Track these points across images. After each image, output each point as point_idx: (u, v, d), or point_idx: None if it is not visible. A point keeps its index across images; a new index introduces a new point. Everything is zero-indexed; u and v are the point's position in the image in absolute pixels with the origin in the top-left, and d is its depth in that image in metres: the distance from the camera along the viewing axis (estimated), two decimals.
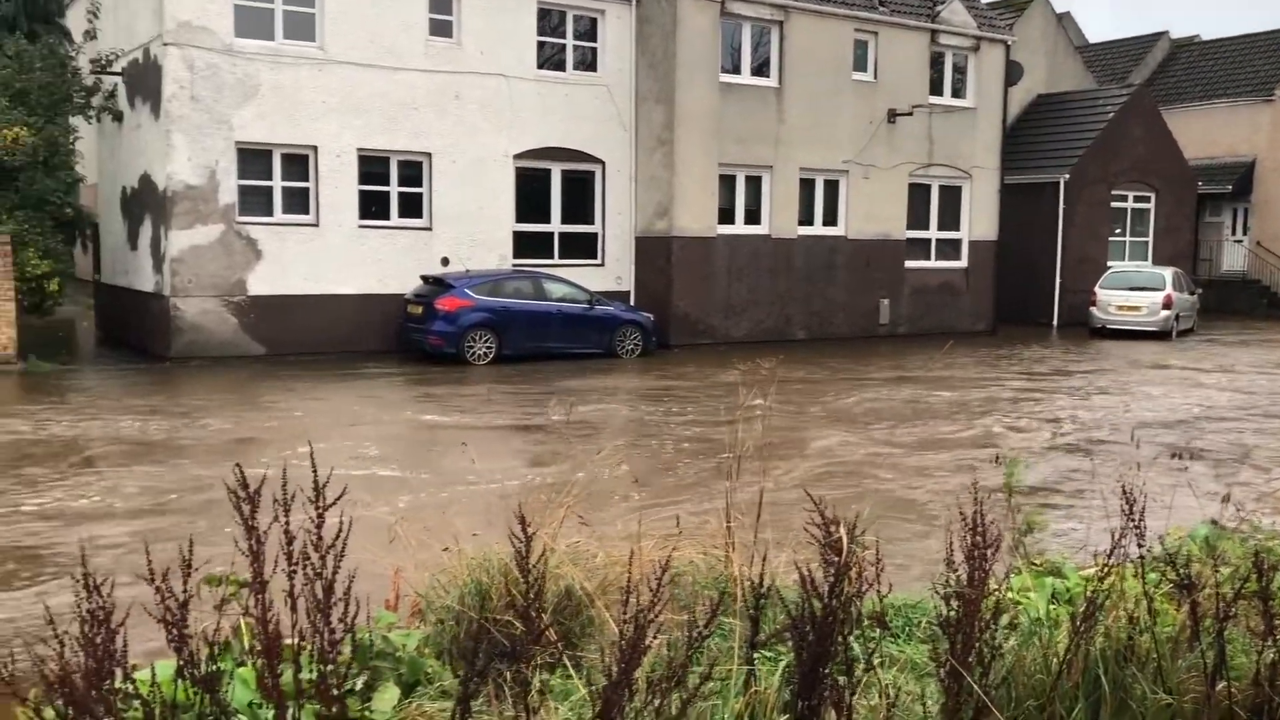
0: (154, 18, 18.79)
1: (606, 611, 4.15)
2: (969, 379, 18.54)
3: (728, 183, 23.23)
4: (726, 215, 23.24)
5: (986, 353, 22.42)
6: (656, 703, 2.85)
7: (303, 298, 19.57)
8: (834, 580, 3.17)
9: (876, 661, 3.66)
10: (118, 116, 20.97)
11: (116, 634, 2.86)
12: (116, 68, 20.63)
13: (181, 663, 2.89)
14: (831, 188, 24.67)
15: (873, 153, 24.79)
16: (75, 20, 24.89)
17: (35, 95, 19.16)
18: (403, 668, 4.24)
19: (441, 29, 20.73)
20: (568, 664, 3.80)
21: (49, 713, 2.71)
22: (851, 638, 3.30)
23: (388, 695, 4.00)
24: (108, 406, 14.32)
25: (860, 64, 24.65)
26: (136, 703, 2.67)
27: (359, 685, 3.76)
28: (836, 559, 3.23)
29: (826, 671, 3.16)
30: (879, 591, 3.64)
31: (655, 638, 3.76)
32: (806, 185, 24.24)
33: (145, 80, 19.53)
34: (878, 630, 3.85)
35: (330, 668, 2.95)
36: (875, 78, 24.83)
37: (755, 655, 3.43)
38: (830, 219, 24.74)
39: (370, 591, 3.57)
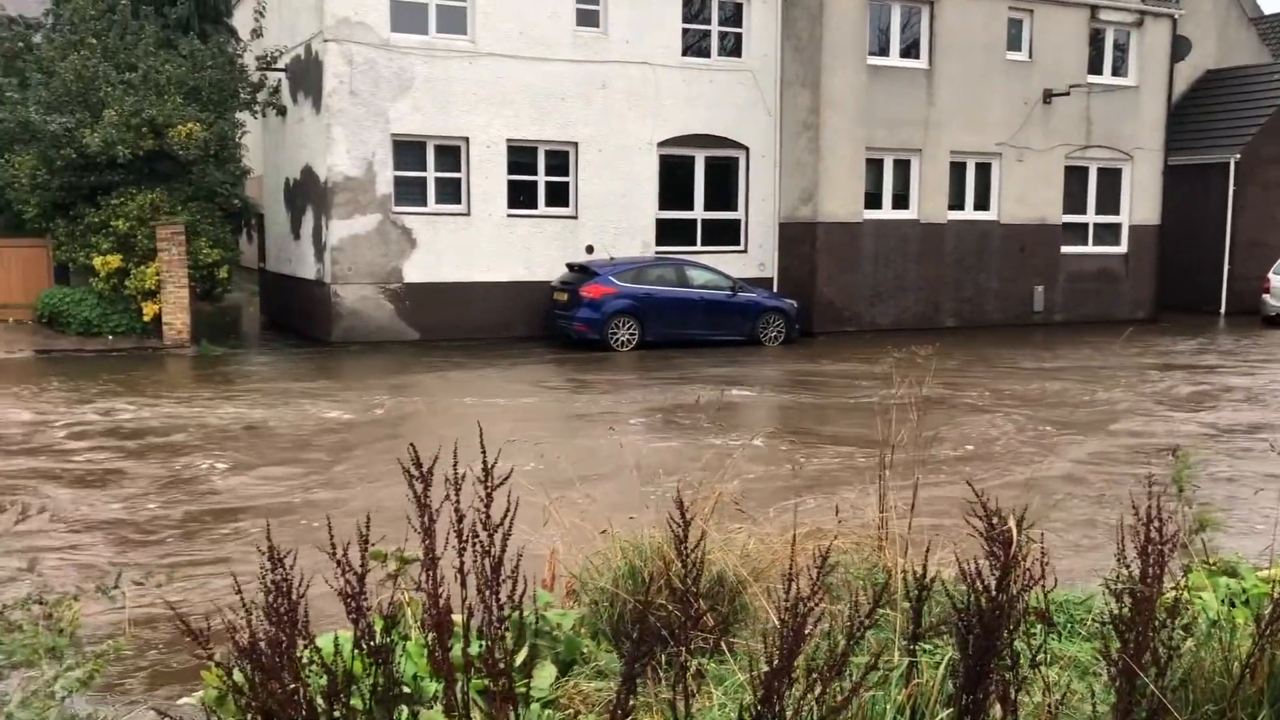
0: (315, 15, 19.55)
1: (763, 598, 4.15)
2: (1131, 367, 17.77)
3: (874, 167, 22.80)
4: (873, 200, 22.82)
5: (1149, 341, 21.43)
6: (818, 691, 2.83)
7: (454, 285, 20.12)
8: (1001, 574, 3.10)
9: (1040, 658, 3.56)
10: (281, 111, 21.92)
11: (299, 604, 3.01)
12: (280, 64, 21.55)
13: (358, 634, 3.02)
14: (983, 171, 23.95)
15: (1027, 134, 23.95)
16: (242, 19, 26.09)
17: (206, 92, 20.17)
18: (560, 647, 4.34)
19: (588, 19, 20.95)
20: (725, 649, 3.82)
21: (238, 675, 2.87)
22: (1016, 634, 3.22)
23: (546, 673, 4.10)
24: (276, 387, 15.04)
25: (1015, 43, 23.82)
26: (319, 669, 2.79)
27: (519, 662, 3.86)
28: (1003, 552, 3.15)
29: (991, 666, 3.09)
30: (1043, 587, 3.54)
31: (814, 627, 3.73)
32: (957, 169, 23.59)
33: (307, 76, 20.36)
34: (1041, 626, 3.75)
35: (497, 643, 3.03)
36: (1030, 57, 23.97)
37: (916, 648, 3.38)
38: (982, 203, 24.03)
39: (527, 571, 3.65)
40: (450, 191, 20.34)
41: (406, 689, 3.63)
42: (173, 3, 24.37)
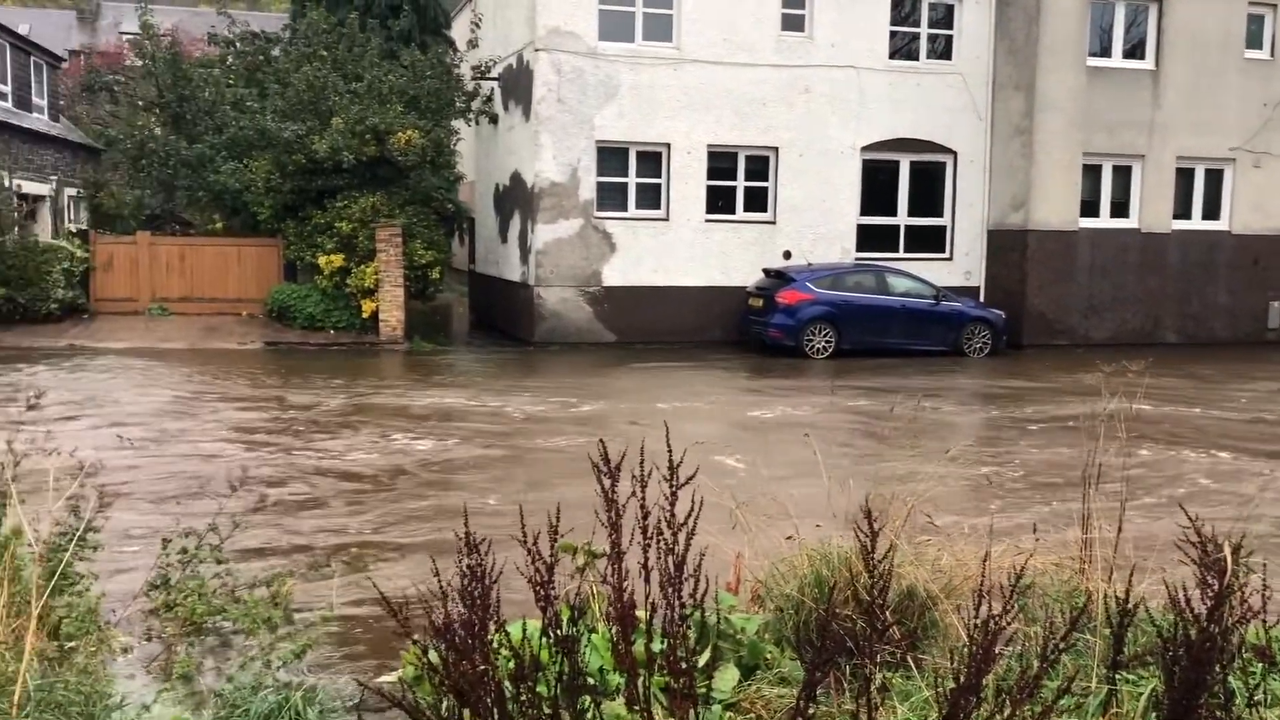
0: (527, 25, 20.23)
1: (953, 615, 4.03)
2: None
3: (1091, 173, 21.69)
4: (1089, 208, 21.71)
5: None
6: (1006, 712, 2.73)
7: (651, 289, 20.39)
8: (1214, 604, 2.90)
9: (1258, 698, 3.31)
10: (494, 119, 22.78)
11: (491, 590, 3.12)
12: (494, 73, 22.41)
13: (546, 622, 3.11)
14: (1214, 178, 22.42)
15: (1266, 138, 22.26)
16: (459, 31, 27.27)
17: (425, 101, 21.19)
18: (743, 650, 4.33)
19: (793, 23, 20.84)
20: (911, 664, 3.73)
21: (433, 655, 3.01)
22: (1230, 669, 3.01)
23: (728, 675, 4.10)
24: (480, 383, 15.63)
25: (1254, 40, 22.20)
26: (509, 654, 2.89)
27: (701, 662, 3.88)
28: (1217, 580, 2.95)
29: (1200, 702, 2.90)
30: (1264, 621, 3.30)
31: (1005, 647, 3.59)
32: (1184, 175, 22.17)
33: (518, 84, 21.09)
34: (1261, 664, 3.48)
35: (680, 642, 3.06)
36: (1272, 55, 22.28)
37: (1116, 676, 3.20)
38: (1211, 212, 22.49)
39: (712, 573, 3.67)
40: (650, 197, 20.63)
41: (591, 680, 3.72)
42: (396, 16, 25.69)
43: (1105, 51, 21.54)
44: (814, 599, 4.33)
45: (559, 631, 3.12)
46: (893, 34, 21.43)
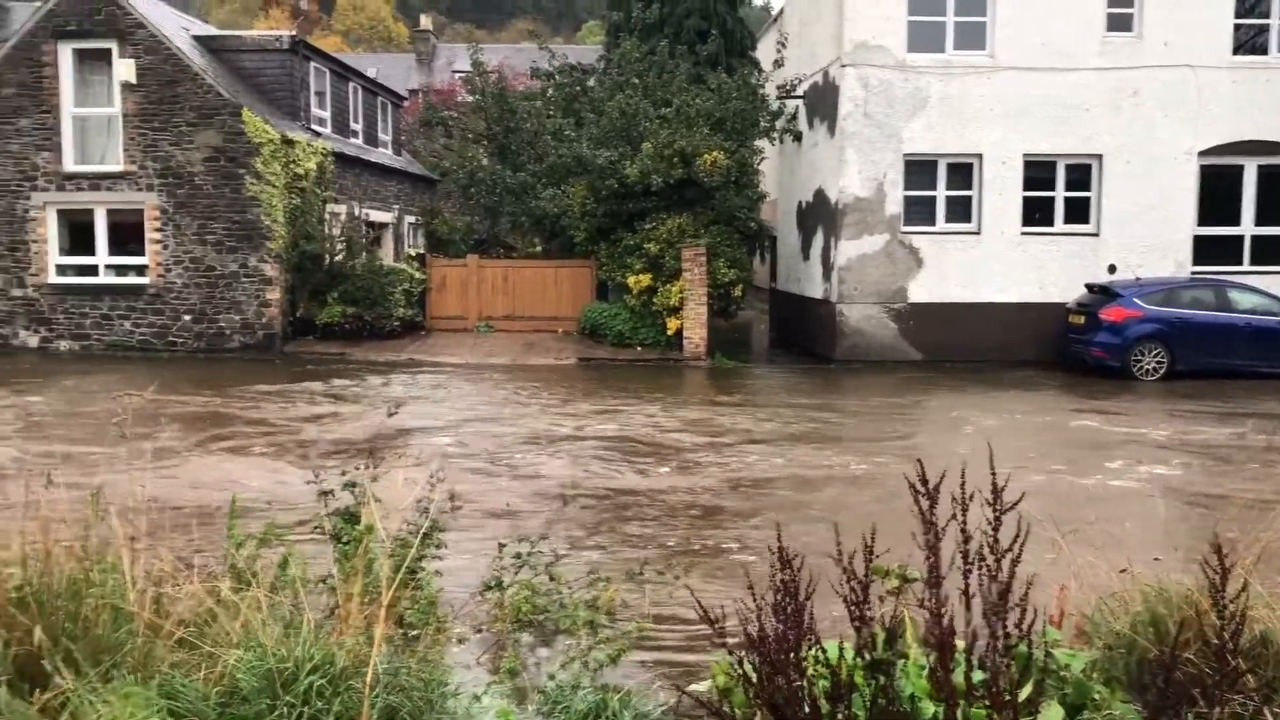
0: (833, 42, 20.15)
1: None
2: None
3: None
4: None
5: None
6: None
7: (960, 305, 19.68)
8: None
9: None
10: (797, 137, 22.84)
11: (805, 606, 3.12)
12: (798, 92, 22.48)
13: (860, 643, 3.06)
14: None
15: None
16: (764, 52, 27.60)
17: (730, 122, 21.58)
18: (1068, 688, 4.07)
19: (1120, 23, 19.53)
20: (1269, 717, 3.37)
21: (747, 666, 3.04)
22: None
23: (1053, 714, 3.87)
24: (784, 400, 15.67)
25: None
26: (825, 672, 2.87)
27: (1023, 696, 3.69)
28: None
29: None
30: None
31: None
32: None
33: (823, 101, 21.03)
34: None
35: (1003, 672, 2.93)
36: None
37: None
38: None
39: (1034, 604, 3.48)
40: (960, 210, 19.94)
41: (904, 708, 3.62)
42: (704, 41, 26.35)
43: None
44: (1150, 639, 4.01)
45: (873, 654, 3.07)
46: (1237, 28, 19.61)
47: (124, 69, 20.38)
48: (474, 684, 4.60)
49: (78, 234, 21.30)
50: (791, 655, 2.90)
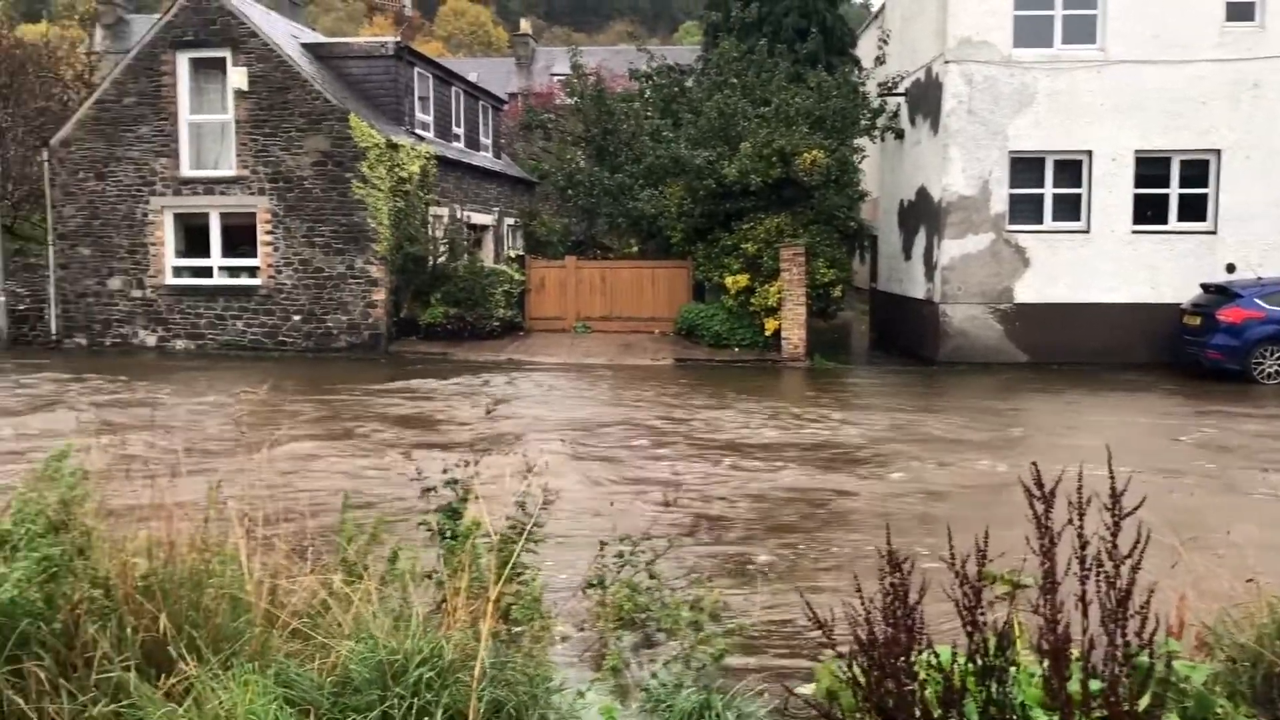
0: (936, 38, 19.80)
1: None
2: None
3: None
4: None
5: None
6: None
7: (1067, 306, 19.16)
8: None
9: None
10: (899, 135, 22.51)
11: (914, 610, 3.07)
12: (900, 89, 22.16)
13: (972, 648, 3.01)
14: None
15: None
16: (864, 49, 27.26)
17: (830, 121, 21.36)
18: (1188, 701, 3.94)
19: (1240, 13, 18.80)
20: None
21: (856, 669, 3.01)
22: None
23: None
24: (887, 402, 15.46)
25: None
26: (938, 676, 2.83)
27: (1141, 707, 3.58)
28: None
29: None
30: None
31: None
32: None
33: (925, 98, 20.68)
34: None
35: (1121, 682, 2.85)
36: None
37: None
38: None
39: (1152, 612, 3.37)
40: (1068, 208, 19.41)
41: (1016, 715, 3.55)
42: (803, 40, 26.13)
43: None
44: (1276, 652, 3.85)
45: (986, 659, 3.01)
46: None
47: (237, 77, 21.07)
48: (576, 681, 4.64)
49: (193, 237, 22.10)
50: (902, 659, 2.86)
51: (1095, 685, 2.93)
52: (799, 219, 20.77)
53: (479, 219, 27.10)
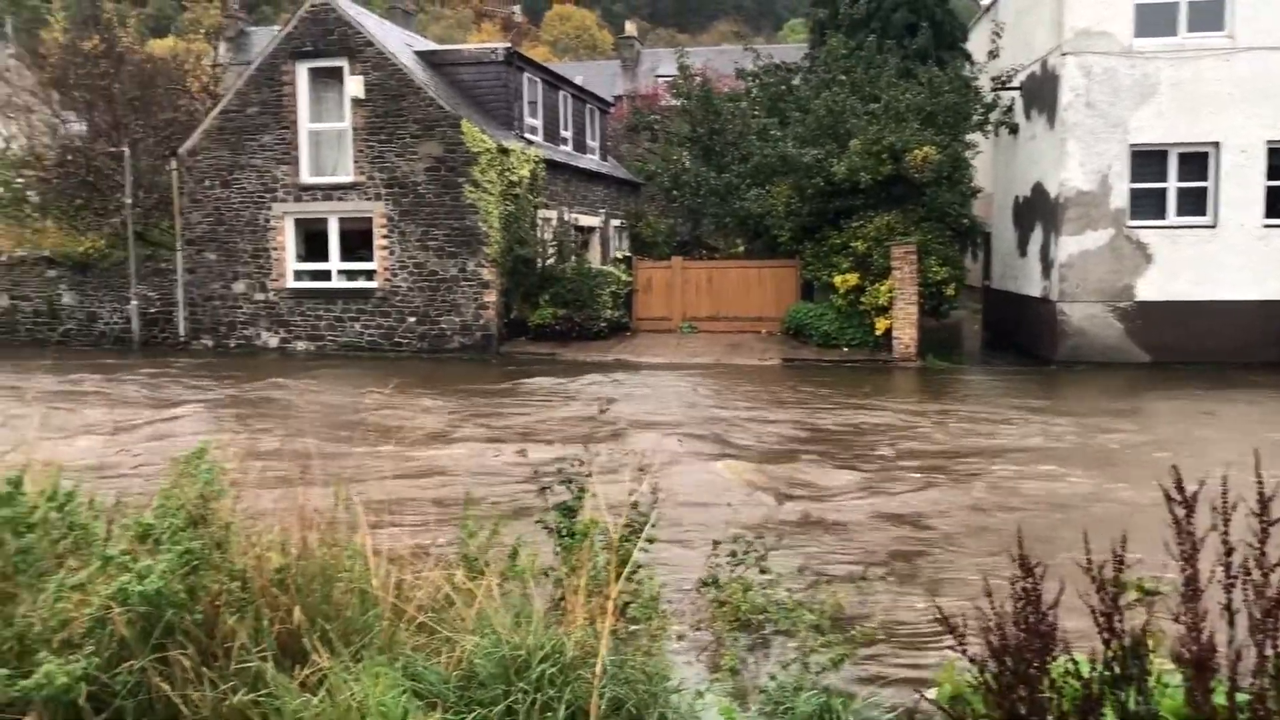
0: (1052, 30, 19.27)
1: None
2: None
3: None
4: None
5: None
6: None
7: (1193, 304, 18.45)
8: None
9: None
10: (1013, 129, 21.96)
11: (1047, 615, 3.00)
12: (1015, 83, 21.63)
13: (1110, 656, 2.93)
14: None
15: None
16: (976, 43, 26.67)
17: (942, 116, 20.94)
18: None
19: None
20: None
21: (988, 675, 2.95)
22: None
23: None
24: (1005, 402, 15.10)
25: None
26: (1076, 684, 2.76)
27: None
28: None
29: None
30: None
31: None
32: None
33: (1041, 91, 20.14)
34: None
35: (1270, 695, 2.75)
36: None
37: None
38: None
39: None
40: (1192, 203, 18.69)
41: None
42: (913, 35, 25.71)
43: None
44: None
45: (1123, 667, 2.92)
46: None
47: (354, 85, 21.66)
48: (693, 680, 4.65)
49: (312, 241, 22.80)
50: (1035, 666, 2.80)
51: (1242, 697, 2.82)
52: (910, 217, 20.43)
53: (586, 221, 27.34)
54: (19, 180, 25.92)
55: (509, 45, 25.16)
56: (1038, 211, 20.39)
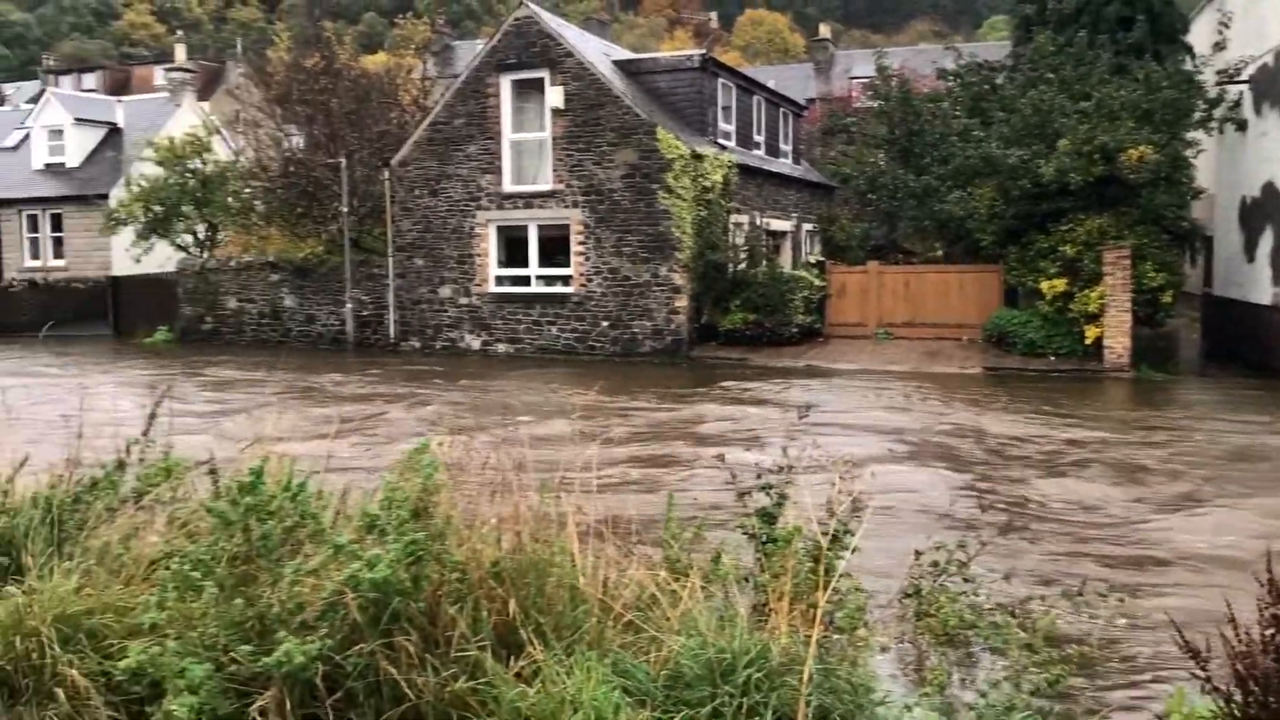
0: None
1: None
2: None
3: None
4: None
5: None
6: None
7: None
8: None
9: None
10: (1241, 126, 20.55)
11: None
12: (1243, 76, 20.23)
13: None
14: None
15: None
16: (1197, 35, 25.07)
17: (1159, 114, 19.78)
18: None
19: None
20: None
21: (1237, 696, 2.79)
22: None
23: None
24: (1231, 417, 14.16)
25: None
26: None
27: None
28: None
29: None
30: None
31: None
32: None
33: (1274, 84, 18.77)
34: None
35: None
36: None
37: None
38: None
39: None
40: None
41: None
42: (1127, 28, 24.40)
43: None
44: None
45: None
46: None
47: (554, 95, 22.26)
48: (897, 693, 4.56)
49: (513, 248, 23.57)
50: None
51: None
52: (1123, 219, 19.40)
53: (777, 225, 27.20)
54: (247, 190, 27.88)
55: (704, 52, 25.33)
56: (1269, 213, 19.00)
